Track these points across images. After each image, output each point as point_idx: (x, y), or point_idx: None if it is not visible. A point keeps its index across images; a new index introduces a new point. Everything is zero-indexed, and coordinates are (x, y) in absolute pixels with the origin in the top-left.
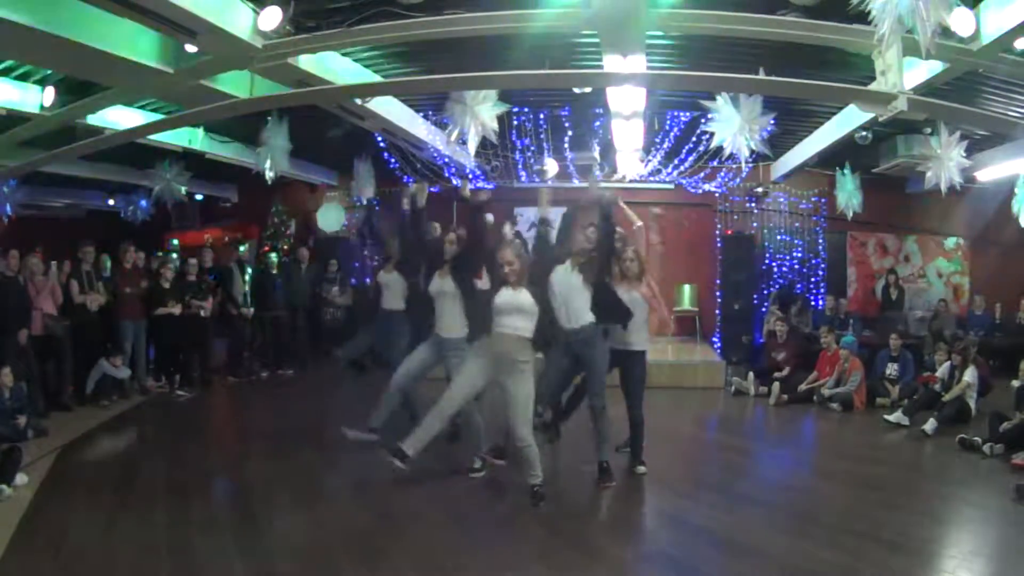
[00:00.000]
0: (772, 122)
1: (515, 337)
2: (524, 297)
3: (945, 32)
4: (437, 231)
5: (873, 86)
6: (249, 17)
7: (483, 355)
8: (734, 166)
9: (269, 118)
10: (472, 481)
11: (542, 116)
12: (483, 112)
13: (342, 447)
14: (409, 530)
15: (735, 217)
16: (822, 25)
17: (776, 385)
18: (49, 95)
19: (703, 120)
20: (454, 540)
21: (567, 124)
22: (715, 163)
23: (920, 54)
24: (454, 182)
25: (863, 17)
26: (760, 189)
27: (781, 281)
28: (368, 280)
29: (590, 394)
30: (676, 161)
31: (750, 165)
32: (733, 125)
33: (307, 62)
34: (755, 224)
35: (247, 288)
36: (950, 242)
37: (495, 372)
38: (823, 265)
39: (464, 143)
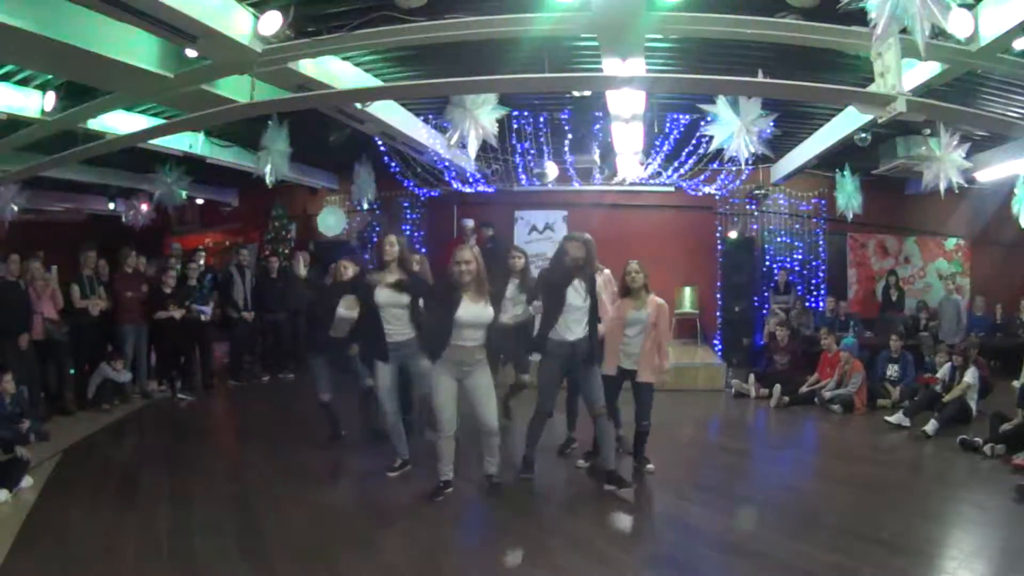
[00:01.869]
0: (772, 124)
1: (474, 347)
2: (487, 311)
3: (941, 33)
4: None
5: (872, 88)
6: (249, 21)
7: (445, 367)
8: (734, 168)
9: (269, 122)
10: (472, 483)
11: (542, 119)
12: (483, 116)
13: (343, 449)
14: (410, 532)
15: (735, 219)
16: (821, 27)
17: (777, 387)
18: (50, 100)
19: (703, 123)
20: (455, 542)
21: (567, 127)
22: (715, 165)
23: (918, 55)
24: (454, 185)
25: (860, 19)
26: (760, 191)
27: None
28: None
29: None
30: (676, 164)
31: (750, 167)
32: (732, 127)
33: (307, 66)
34: (755, 226)
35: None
36: (950, 243)
37: (458, 375)
38: (823, 267)
39: (464, 147)
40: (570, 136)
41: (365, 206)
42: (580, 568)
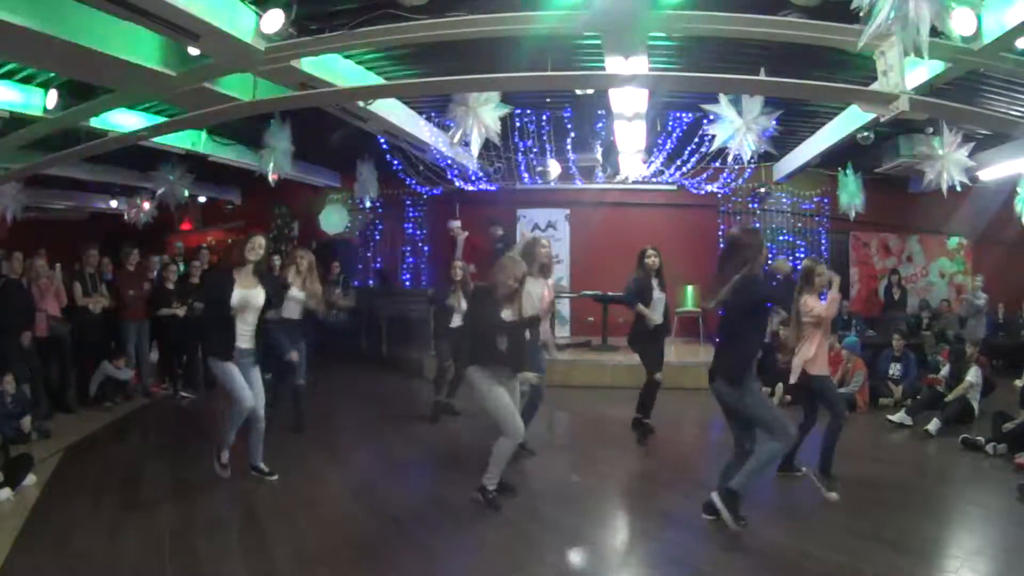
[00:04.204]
0: (775, 122)
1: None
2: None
3: (936, 33)
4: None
5: (875, 86)
6: (252, 20)
7: (494, 377)
8: (736, 167)
9: (272, 120)
10: (475, 485)
11: (544, 118)
12: (485, 114)
13: (346, 450)
14: (413, 533)
15: (737, 218)
16: (824, 25)
17: (780, 386)
18: (52, 98)
19: (705, 121)
20: (457, 542)
21: (569, 126)
22: (718, 164)
23: (920, 54)
24: (456, 183)
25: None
26: (763, 189)
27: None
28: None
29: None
30: (678, 162)
31: (753, 166)
32: (734, 126)
33: (309, 65)
34: (757, 224)
35: None
36: (953, 242)
37: (503, 383)
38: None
39: (467, 145)
40: (573, 134)
41: (368, 204)
42: (582, 566)
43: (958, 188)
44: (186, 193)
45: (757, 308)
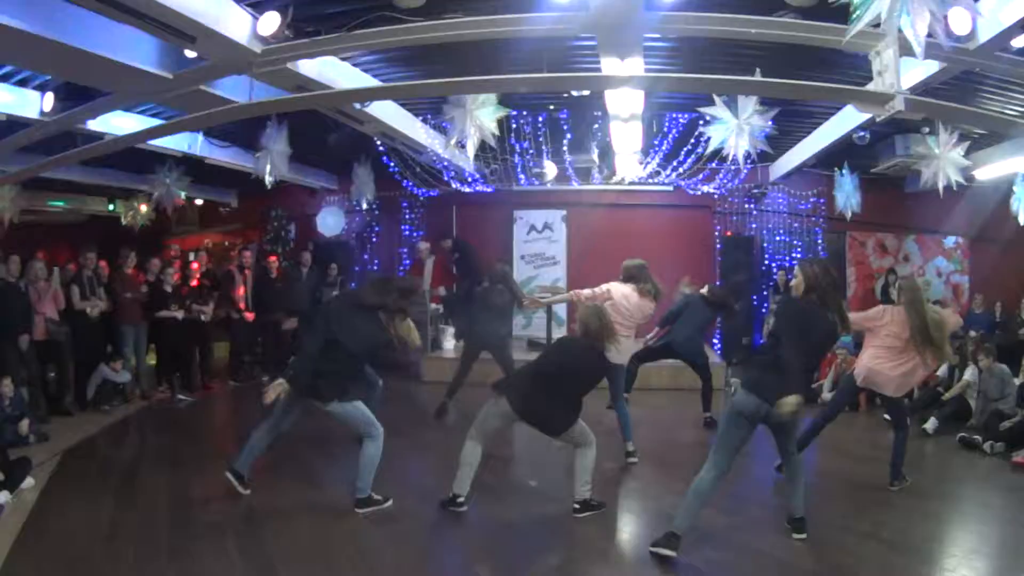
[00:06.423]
0: (771, 123)
1: None
2: None
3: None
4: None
5: (870, 86)
6: (248, 22)
7: None
8: (733, 167)
9: (268, 123)
10: (476, 486)
11: (541, 119)
12: (482, 116)
13: (345, 453)
14: (414, 534)
15: (734, 218)
16: (819, 26)
17: None
18: (49, 100)
19: (701, 122)
20: (458, 543)
21: (566, 127)
22: (714, 164)
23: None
24: (452, 185)
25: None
26: (759, 190)
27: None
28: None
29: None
30: (675, 163)
31: (749, 166)
32: (730, 127)
33: (306, 67)
34: (754, 225)
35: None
36: (949, 241)
37: None
38: None
39: (463, 146)
40: (569, 136)
41: (364, 206)
42: (582, 566)
43: (954, 187)
44: (183, 195)
45: None
